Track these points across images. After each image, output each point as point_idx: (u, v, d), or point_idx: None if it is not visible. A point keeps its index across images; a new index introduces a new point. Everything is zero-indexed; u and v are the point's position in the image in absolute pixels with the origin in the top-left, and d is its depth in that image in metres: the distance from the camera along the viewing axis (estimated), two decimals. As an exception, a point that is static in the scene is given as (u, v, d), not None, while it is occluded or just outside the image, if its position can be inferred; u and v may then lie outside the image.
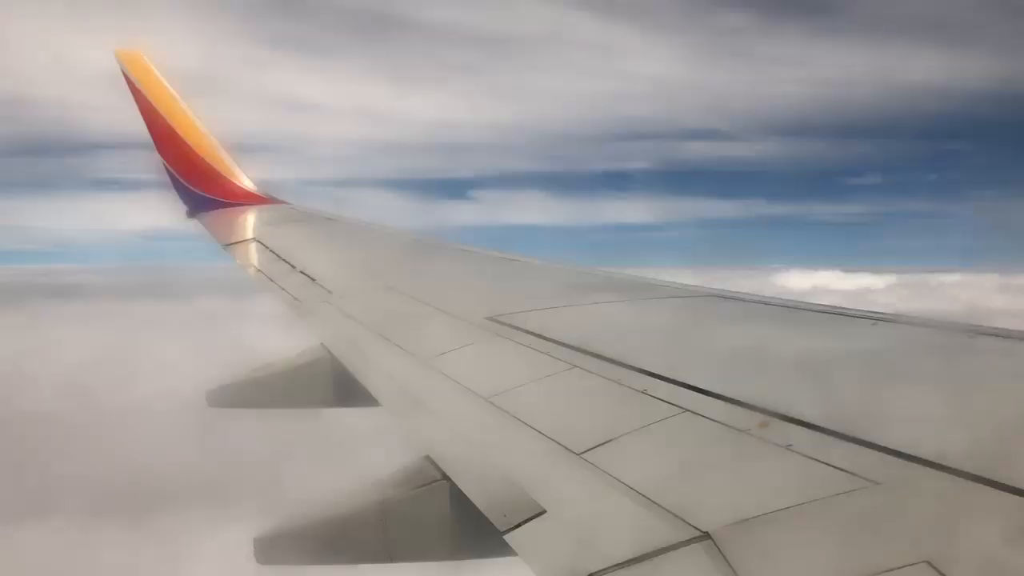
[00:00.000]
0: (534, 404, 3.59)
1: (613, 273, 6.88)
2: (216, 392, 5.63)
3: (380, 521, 3.26)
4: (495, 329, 4.86)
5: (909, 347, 4.05)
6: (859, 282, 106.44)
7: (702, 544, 2.17)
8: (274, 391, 5.51)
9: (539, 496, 2.73)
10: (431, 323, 5.46)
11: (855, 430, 2.64)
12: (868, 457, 2.44)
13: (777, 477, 2.50)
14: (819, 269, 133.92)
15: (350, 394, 4.98)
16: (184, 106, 12.46)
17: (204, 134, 12.60)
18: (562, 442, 3.08)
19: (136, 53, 12.35)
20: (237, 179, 12.91)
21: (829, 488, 2.29)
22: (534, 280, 7.19)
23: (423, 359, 4.59)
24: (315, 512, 3.42)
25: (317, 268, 7.92)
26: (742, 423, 2.89)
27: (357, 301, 6.55)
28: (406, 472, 3.38)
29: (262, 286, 7.94)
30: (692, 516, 2.32)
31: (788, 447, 2.63)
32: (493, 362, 4.41)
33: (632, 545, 2.25)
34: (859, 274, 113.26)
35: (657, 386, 3.43)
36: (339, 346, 5.37)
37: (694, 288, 6.08)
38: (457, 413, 3.80)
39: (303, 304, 6.73)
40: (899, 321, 4.53)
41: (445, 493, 3.21)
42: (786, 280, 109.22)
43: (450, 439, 3.58)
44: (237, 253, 10.06)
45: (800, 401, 3.04)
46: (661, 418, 3.11)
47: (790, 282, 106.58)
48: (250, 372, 5.69)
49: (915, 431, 2.63)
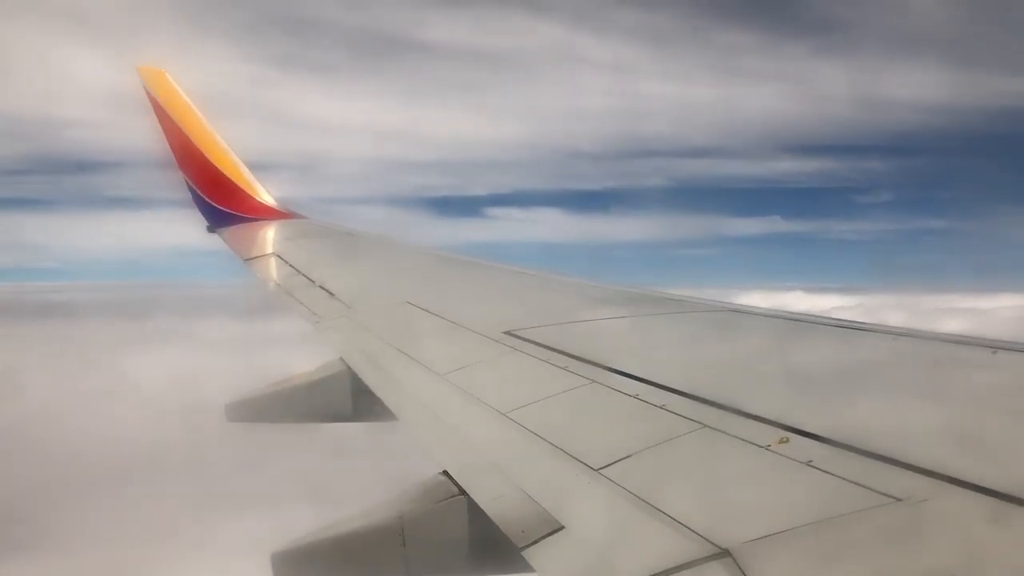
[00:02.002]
0: (552, 419, 3.58)
1: (630, 288, 6.87)
2: (235, 406, 5.65)
3: (398, 536, 3.25)
4: (513, 343, 4.86)
5: (930, 362, 4.01)
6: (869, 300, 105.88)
7: (722, 561, 2.15)
8: (293, 405, 5.53)
9: (557, 512, 2.72)
10: (449, 337, 5.46)
11: (875, 446, 2.61)
12: (889, 473, 2.42)
13: (797, 493, 2.49)
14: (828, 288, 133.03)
15: (369, 408, 4.98)
16: (205, 122, 12.60)
17: (225, 150, 12.72)
18: (580, 457, 3.07)
19: (159, 71, 12.51)
20: (257, 194, 13.01)
21: (850, 504, 2.27)
22: (551, 295, 7.19)
23: (441, 373, 4.60)
24: (333, 527, 3.41)
25: (336, 283, 7.96)
26: (761, 439, 2.87)
27: (375, 315, 6.57)
28: (424, 487, 3.38)
29: (282, 300, 7.99)
30: (711, 532, 2.30)
31: (808, 463, 2.61)
32: (510, 377, 4.41)
33: (651, 561, 2.24)
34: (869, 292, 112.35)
35: (676, 401, 3.42)
36: (358, 360, 5.38)
37: (712, 303, 6.06)
38: (475, 428, 3.80)
39: (322, 318, 6.76)
40: (919, 336, 4.50)
41: (463, 508, 3.20)
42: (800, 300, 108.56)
43: (468, 454, 3.58)
44: (257, 268, 10.14)
45: (820, 417, 3.02)
46: (680, 434, 3.09)
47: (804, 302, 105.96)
48: (269, 386, 5.71)
49: (936, 447, 2.61)
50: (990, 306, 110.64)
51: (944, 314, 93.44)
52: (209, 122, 12.66)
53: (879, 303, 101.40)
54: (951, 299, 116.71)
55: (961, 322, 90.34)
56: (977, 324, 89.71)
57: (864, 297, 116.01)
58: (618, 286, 7.01)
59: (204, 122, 12.57)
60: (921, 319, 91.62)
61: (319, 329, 6.51)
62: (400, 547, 3.25)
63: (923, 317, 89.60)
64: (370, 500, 3.53)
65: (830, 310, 69.34)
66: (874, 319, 4.89)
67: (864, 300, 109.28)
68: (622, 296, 6.59)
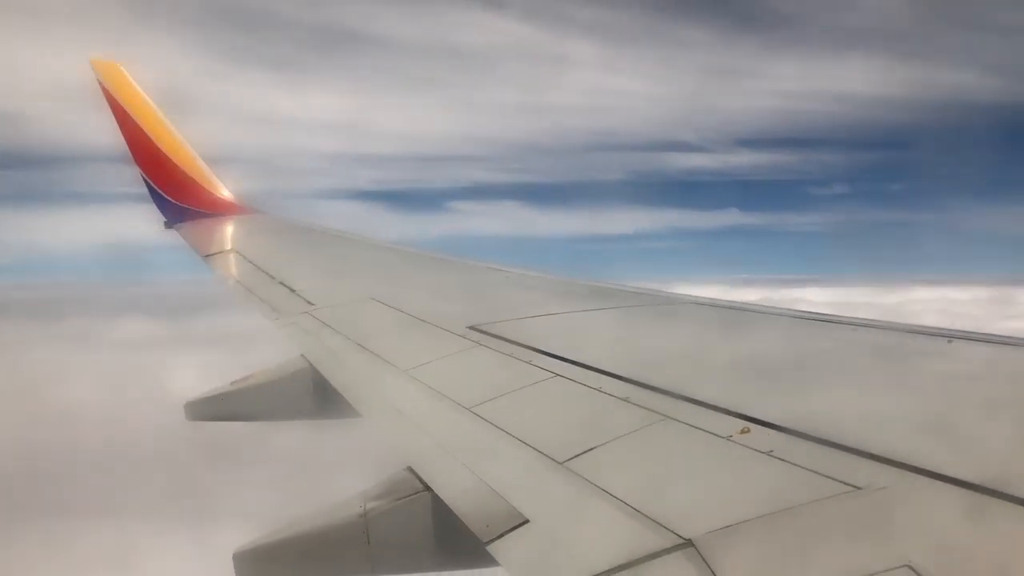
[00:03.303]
0: (516, 413, 3.58)
1: (592, 282, 6.89)
2: (195, 405, 5.57)
3: (362, 533, 3.23)
4: (477, 338, 4.85)
5: (887, 352, 4.08)
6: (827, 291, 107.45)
7: (685, 551, 2.17)
8: (254, 403, 5.46)
9: (522, 506, 2.72)
10: (413, 333, 5.44)
11: (835, 435, 2.65)
12: (849, 462, 2.46)
13: (759, 483, 2.51)
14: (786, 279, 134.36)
15: (331, 405, 4.95)
16: (162, 116, 12.39)
17: (182, 144, 12.53)
18: (544, 451, 3.07)
19: (113, 63, 12.27)
20: (216, 189, 12.84)
21: (811, 493, 2.30)
22: (515, 289, 7.19)
23: (405, 369, 4.57)
24: (296, 525, 3.38)
25: (297, 279, 7.88)
26: (723, 429, 2.90)
27: (338, 312, 6.52)
28: (388, 483, 3.36)
29: (242, 297, 7.89)
30: (675, 523, 2.32)
31: (769, 453, 2.64)
32: (475, 371, 4.40)
33: (615, 553, 2.25)
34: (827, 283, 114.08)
35: (639, 394, 3.44)
36: (320, 357, 5.34)
37: (674, 295, 6.10)
38: (439, 423, 3.79)
39: (283, 315, 6.69)
40: (877, 326, 4.57)
41: (427, 504, 3.19)
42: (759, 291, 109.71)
43: (432, 450, 3.57)
44: (216, 264, 10.00)
45: (780, 406, 3.06)
46: (643, 425, 3.11)
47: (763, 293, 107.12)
48: (229, 384, 5.64)
49: (894, 436, 2.65)
50: (942, 295, 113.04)
51: (898, 304, 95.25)
52: (165, 116, 12.46)
53: (836, 293, 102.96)
54: (905, 289, 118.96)
55: (913, 311, 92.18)
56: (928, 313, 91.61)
57: (822, 288, 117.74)
58: (581, 280, 7.03)
59: (160, 116, 12.36)
60: (877, 309, 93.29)
61: (280, 326, 6.44)
62: (364, 544, 3.23)
63: (879, 307, 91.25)
64: (334, 497, 3.50)
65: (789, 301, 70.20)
66: (832, 309, 4.97)
67: (822, 291, 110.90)
68: (585, 290, 6.61)
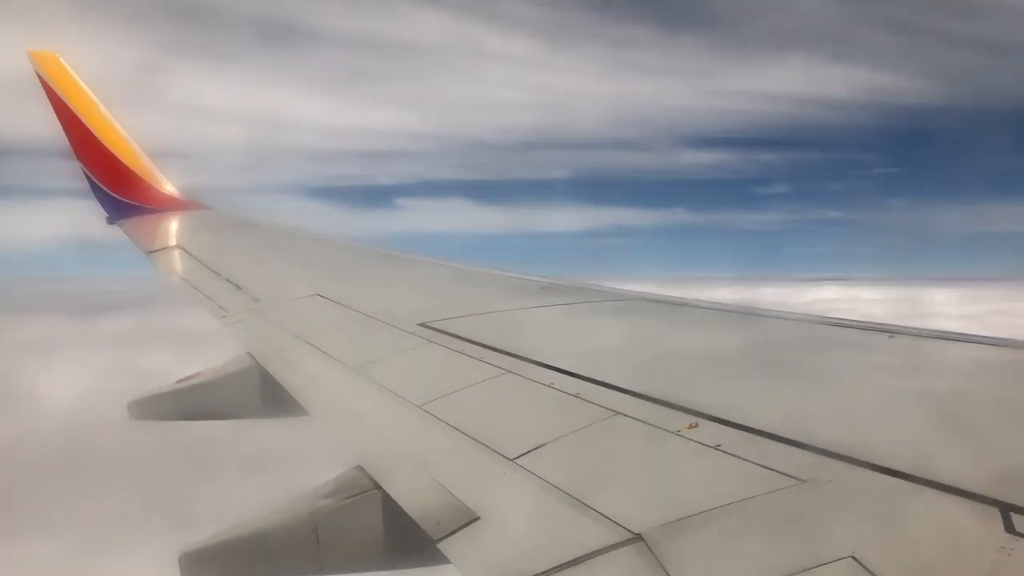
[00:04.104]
0: (467, 410, 3.57)
1: (542, 278, 6.91)
2: (139, 404, 5.46)
3: (311, 533, 3.19)
4: (427, 335, 4.83)
5: (832, 347, 4.16)
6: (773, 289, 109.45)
7: (635, 546, 2.19)
8: (199, 402, 5.37)
9: (472, 503, 2.71)
10: (362, 330, 5.39)
11: (781, 429, 2.70)
12: (794, 456, 2.50)
13: (707, 477, 2.54)
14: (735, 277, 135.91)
15: (279, 404, 4.88)
16: (103, 109, 12.09)
17: (124, 138, 12.25)
18: (495, 448, 3.07)
19: (52, 55, 11.94)
20: (160, 184, 12.58)
21: (757, 487, 2.33)
22: (464, 286, 7.18)
23: (354, 367, 4.53)
24: (244, 525, 3.33)
25: (244, 275, 7.76)
26: (672, 425, 2.92)
27: (285, 309, 6.44)
28: (337, 482, 3.32)
29: (187, 294, 7.74)
30: (624, 518, 2.34)
31: (717, 447, 2.67)
32: (425, 369, 4.38)
33: (565, 549, 2.26)
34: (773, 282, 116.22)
35: (589, 389, 3.45)
36: (267, 355, 5.26)
37: (625, 292, 6.14)
38: (389, 421, 3.76)
39: (229, 312, 6.58)
40: (822, 322, 4.66)
41: (377, 503, 3.16)
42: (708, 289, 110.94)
43: (382, 448, 3.54)
44: (161, 261, 9.79)
45: (728, 402, 3.10)
46: (593, 421, 3.13)
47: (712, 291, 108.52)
48: (174, 383, 5.53)
49: (839, 429, 2.71)
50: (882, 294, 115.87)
51: (843, 301, 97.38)
52: (106, 109, 12.16)
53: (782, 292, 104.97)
54: (848, 287, 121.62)
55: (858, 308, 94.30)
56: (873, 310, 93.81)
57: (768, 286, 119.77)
58: (529, 276, 7.04)
59: (101, 108, 12.06)
60: (822, 306, 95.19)
61: (226, 323, 6.34)
62: (313, 544, 3.19)
63: (824, 304, 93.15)
64: (282, 497, 3.46)
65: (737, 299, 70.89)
66: (779, 307, 5.05)
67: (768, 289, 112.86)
68: (535, 286, 6.62)
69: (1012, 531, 1.90)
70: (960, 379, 3.41)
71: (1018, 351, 3.81)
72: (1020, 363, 3.70)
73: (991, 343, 3.85)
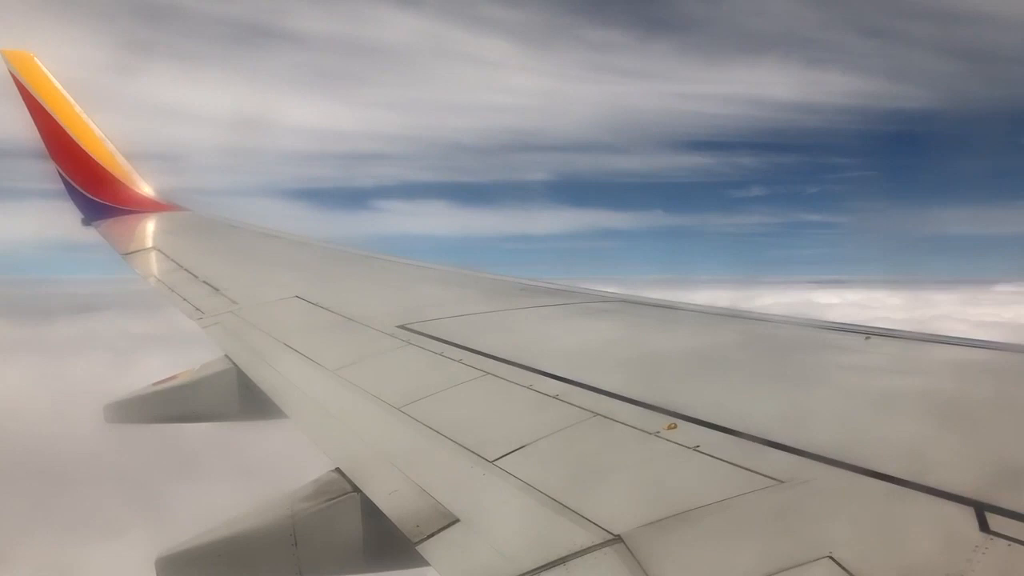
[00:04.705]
0: (447, 412, 3.57)
1: (521, 280, 6.91)
2: (115, 407, 5.40)
3: (290, 536, 3.17)
4: (406, 337, 4.81)
5: (810, 348, 4.19)
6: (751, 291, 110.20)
7: (614, 547, 2.19)
8: (177, 405, 5.32)
9: (452, 505, 2.71)
10: (341, 332, 5.37)
11: (759, 430, 2.71)
12: (772, 456, 2.52)
13: (686, 478, 2.55)
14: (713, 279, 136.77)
15: (257, 407, 4.85)
16: (78, 109, 11.97)
17: (100, 139, 12.13)
18: (475, 450, 3.06)
19: (27, 54, 11.81)
20: (136, 185, 12.47)
21: (736, 488, 2.35)
22: (444, 288, 7.17)
23: (333, 369, 4.51)
24: (221, 529, 3.30)
25: (221, 277, 7.71)
26: (651, 426, 2.93)
27: (263, 311, 6.40)
28: (316, 485, 3.31)
29: (164, 297, 7.68)
30: (604, 520, 2.34)
31: (696, 448, 2.68)
32: (405, 371, 4.37)
33: (545, 551, 2.26)
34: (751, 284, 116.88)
35: (569, 391, 3.46)
36: (245, 357, 5.23)
37: (604, 294, 6.16)
38: (368, 424, 3.74)
39: (206, 315, 6.53)
40: (800, 323, 4.69)
41: (356, 505, 3.15)
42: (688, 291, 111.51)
43: (361, 450, 3.53)
44: (137, 262, 9.71)
45: (707, 403, 3.11)
46: (573, 423, 3.13)
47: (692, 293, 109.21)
48: (151, 385, 5.48)
49: (816, 430, 2.73)
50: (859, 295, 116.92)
51: (819, 301, 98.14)
52: (81, 109, 12.03)
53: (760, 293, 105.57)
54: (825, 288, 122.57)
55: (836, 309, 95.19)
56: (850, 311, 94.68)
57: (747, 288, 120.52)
58: (509, 278, 7.04)
59: (76, 108, 11.94)
60: (800, 307, 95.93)
61: (203, 326, 6.29)
62: (292, 547, 3.17)
63: (801, 305, 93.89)
64: (260, 500, 3.44)
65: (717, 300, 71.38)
66: (758, 309, 5.09)
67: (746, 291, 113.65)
68: (514, 288, 6.62)
69: (987, 530, 1.92)
70: (935, 379, 3.45)
71: (992, 351, 3.87)
72: (994, 363, 3.75)
73: (965, 344, 3.90)
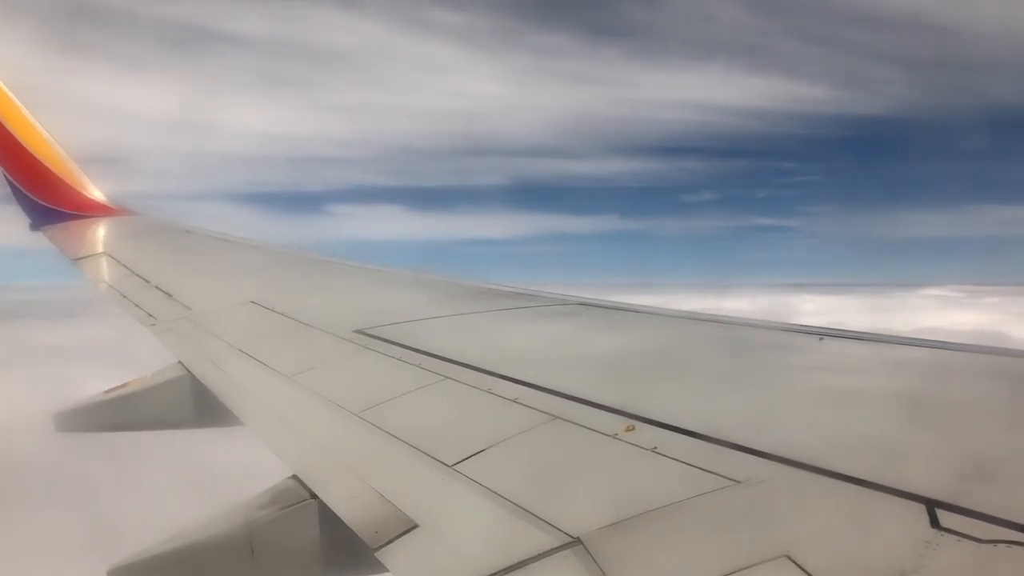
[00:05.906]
0: (405, 417, 3.55)
1: (479, 283, 6.91)
2: (65, 416, 5.29)
3: (246, 545, 3.13)
4: (364, 342, 4.78)
5: (764, 349, 4.25)
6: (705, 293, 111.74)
7: (573, 550, 2.20)
8: (129, 413, 5.23)
9: (411, 511, 2.70)
10: (297, 338, 5.32)
11: (716, 431, 2.74)
12: (729, 457, 2.54)
13: (644, 480, 2.57)
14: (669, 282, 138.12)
15: (212, 414, 4.78)
16: (25, 112, 11.70)
17: (48, 142, 11.86)
18: (434, 455, 3.06)
19: None
20: (86, 189, 12.22)
21: (693, 488, 2.37)
22: (401, 292, 7.14)
23: (289, 375, 4.47)
24: (176, 539, 3.25)
25: (174, 283, 7.59)
26: (609, 428, 2.95)
27: (217, 316, 6.31)
28: (273, 493, 3.27)
29: (115, 302, 7.53)
30: (563, 523, 2.35)
31: (654, 450, 2.71)
32: (362, 376, 4.34)
33: (505, 554, 2.26)
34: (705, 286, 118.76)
35: (527, 394, 3.46)
36: (199, 364, 5.15)
37: (561, 297, 6.18)
38: (325, 430, 3.71)
39: (159, 320, 6.43)
40: (754, 325, 4.76)
41: (314, 512, 3.12)
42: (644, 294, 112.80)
43: (318, 457, 3.50)
44: (87, 268, 9.51)
45: (664, 404, 3.14)
46: (532, 426, 3.13)
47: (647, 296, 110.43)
48: (103, 393, 5.38)
49: (772, 430, 2.77)
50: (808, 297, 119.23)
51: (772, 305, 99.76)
52: (28, 111, 11.76)
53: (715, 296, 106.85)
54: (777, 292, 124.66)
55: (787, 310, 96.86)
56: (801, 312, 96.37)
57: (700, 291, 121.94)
58: (467, 282, 7.03)
59: (23, 110, 11.66)
60: (753, 310, 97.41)
61: (156, 332, 6.19)
62: (248, 556, 3.13)
63: (754, 309, 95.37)
64: (215, 508, 3.39)
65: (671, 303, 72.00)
66: (712, 310, 5.15)
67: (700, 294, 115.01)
68: (472, 292, 6.62)
69: (937, 526, 1.96)
70: (887, 379, 3.52)
71: (944, 351, 3.96)
72: (945, 362, 3.83)
73: (918, 344, 3.99)
